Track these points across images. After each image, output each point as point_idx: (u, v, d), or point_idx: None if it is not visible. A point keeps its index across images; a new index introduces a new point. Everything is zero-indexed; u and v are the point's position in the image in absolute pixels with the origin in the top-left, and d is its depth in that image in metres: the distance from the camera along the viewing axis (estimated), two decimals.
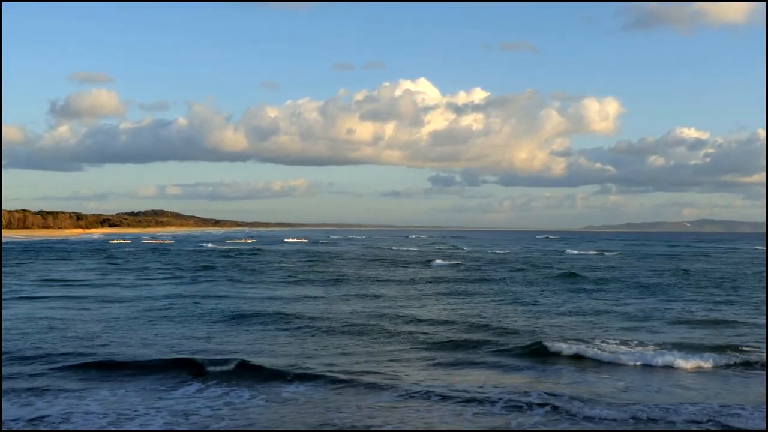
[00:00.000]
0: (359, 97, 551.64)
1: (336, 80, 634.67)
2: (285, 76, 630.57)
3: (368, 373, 16.72)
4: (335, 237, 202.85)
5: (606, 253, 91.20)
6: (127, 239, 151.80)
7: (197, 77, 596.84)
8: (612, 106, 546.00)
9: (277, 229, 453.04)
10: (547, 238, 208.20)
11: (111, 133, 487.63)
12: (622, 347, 19.68)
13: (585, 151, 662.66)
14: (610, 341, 20.64)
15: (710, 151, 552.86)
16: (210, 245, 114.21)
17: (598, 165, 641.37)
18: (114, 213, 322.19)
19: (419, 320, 25.87)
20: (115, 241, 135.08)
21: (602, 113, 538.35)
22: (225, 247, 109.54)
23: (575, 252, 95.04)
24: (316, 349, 19.98)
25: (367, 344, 20.90)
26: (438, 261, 66.50)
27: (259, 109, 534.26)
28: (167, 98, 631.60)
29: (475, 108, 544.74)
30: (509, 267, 58.92)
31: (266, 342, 21.26)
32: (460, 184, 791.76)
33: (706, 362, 18.21)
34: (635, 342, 20.53)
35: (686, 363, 18.15)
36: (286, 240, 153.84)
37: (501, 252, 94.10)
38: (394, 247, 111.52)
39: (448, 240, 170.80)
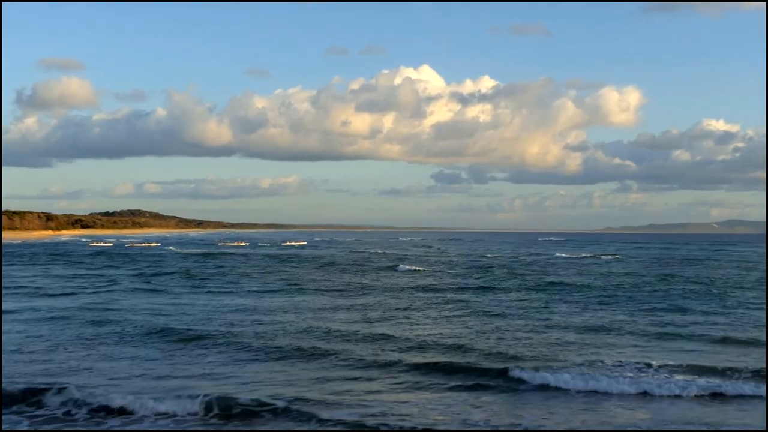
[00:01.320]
0: (355, 85, 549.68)
1: (330, 67, 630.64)
2: (273, 62, 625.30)
3: (298, 399, 15.39)
4: (318, 239, 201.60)
5: (603, 257, 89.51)
6: (109, 241, 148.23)
7: (177, 64, 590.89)
8: (633, 96, 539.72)
9: (266, 230, 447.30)
10: (550, 240, 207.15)
11: (83, 125, 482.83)
12: (596, 370, 18.09)
13: (603, 145, 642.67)
14: (576, 363, 19.21)
15: (741, 145, 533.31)
16: (196, 249, 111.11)
17: (617, 160, 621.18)
18: (87, 213, 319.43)
19: (356, 337, 24.11)
20: (96, 244, 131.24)
21: (622, 103, 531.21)
22: (217, 250, 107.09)
23: (566, 256, 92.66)
24: (236, 374, 18.27)
25: (299, 366, 19.32)
26: (403, 266, 64.91)
27: (246, 98, 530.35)
28: (145, 87, 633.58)
29: (483, 98, 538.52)
30: (479, 273, 57.04)
31: (198, 366, 19.46)
32: (466, 182, 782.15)
33: (697, 386, 16.71)
34: (603, 363, 19.21)
35: (661, 389, 16.47)
36: (284, 243, 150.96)
37: (491, 255, 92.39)
38: (372, 250, 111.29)
39: (444, 243, 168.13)
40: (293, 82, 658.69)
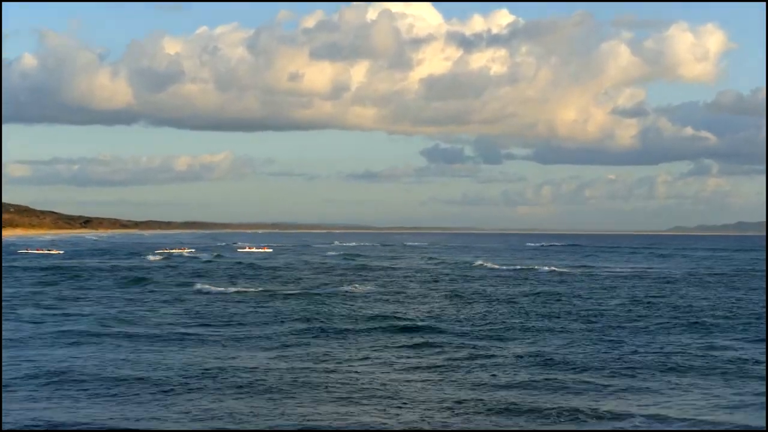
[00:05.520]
0: (310, 22, 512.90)
1: None
2: None
3: None
4: (222, 244, 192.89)
5: (561, 270, 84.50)
6: None
7: None
8: (713, 39, 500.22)
9: (183, 231, 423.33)
10: (542, 245, 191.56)
11: None
12: None
13: (669, 108, 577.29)
14: None
15: None
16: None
17: (689, 130, 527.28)
18: None
19: None
20: None
21: (697, 49, 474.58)
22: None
23: (504, 268, 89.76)
24: None
25: None
26: (200, 286, 59.74)
27: (152, 41, 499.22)
28: (5, 25, 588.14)
29: (495, 40, 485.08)
30: (325, 299, 52.83)
31: None
32: (472, 161, 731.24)
33: None
34: None
35: None
36: (239, 250, 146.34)
37: (431, 266, 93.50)
38: (240, 258, 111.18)
39: (391, 249, 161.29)
40: (221, 17, 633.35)
